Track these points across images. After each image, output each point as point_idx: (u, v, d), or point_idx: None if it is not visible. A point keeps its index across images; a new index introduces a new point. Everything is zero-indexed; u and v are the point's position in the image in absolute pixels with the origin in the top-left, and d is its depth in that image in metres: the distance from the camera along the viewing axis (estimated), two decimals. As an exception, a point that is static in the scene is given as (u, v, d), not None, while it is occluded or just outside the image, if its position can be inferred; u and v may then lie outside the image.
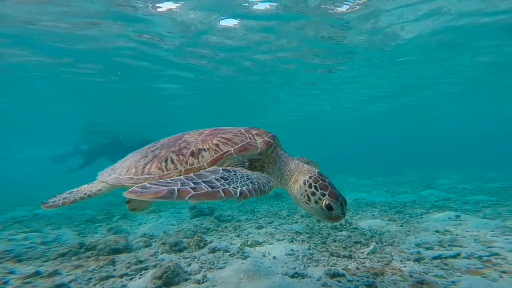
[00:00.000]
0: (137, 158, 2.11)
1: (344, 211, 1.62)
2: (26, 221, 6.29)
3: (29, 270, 3.04)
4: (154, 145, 2.24)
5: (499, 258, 2.80)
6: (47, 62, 8.56)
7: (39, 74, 9.40)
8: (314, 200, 1.63)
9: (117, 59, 8.69)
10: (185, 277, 2.69)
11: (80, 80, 10.16)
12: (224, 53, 8.62)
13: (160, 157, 1.91)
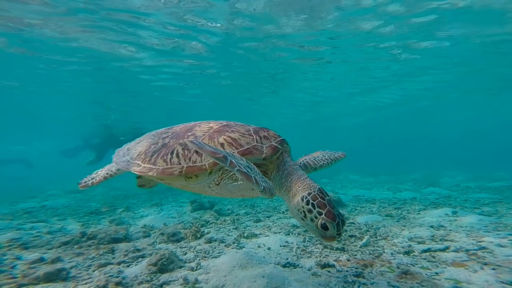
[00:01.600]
0: (149, 143, 2.14)
1: (340, 232, 1.56)
2: (35, 212, 6.52)
3: (35, 257, 3.20)
4: (167, 132, 2.23)
5: (485, 252, 2.83)
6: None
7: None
8: (310, 217, 1.57)
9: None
10: (179, 264, 2.80)
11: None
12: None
13: (167, 147, 1.92)
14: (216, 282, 2.42)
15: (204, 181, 1.80)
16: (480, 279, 2.29)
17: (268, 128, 2.02)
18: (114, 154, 2.40)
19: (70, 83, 11.08)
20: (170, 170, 1.76)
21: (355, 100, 17.04)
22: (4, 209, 6.84)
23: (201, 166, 1.70)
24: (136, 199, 8.76)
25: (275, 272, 2.55)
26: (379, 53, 9.36)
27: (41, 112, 17.00)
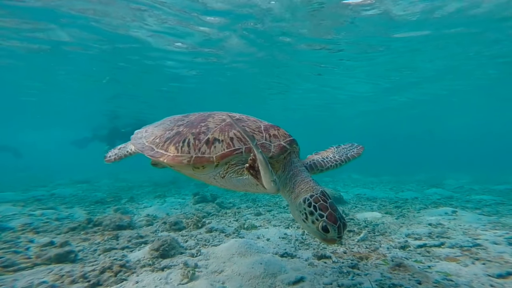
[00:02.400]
0: (165, 128, 2.20)
1: (340, 235, 1.55)
2: (44, 199, 6.74)
3: (45, 240, 3.35)
4: (182, 119, 2.27)
5: (480, 249, 2.88)
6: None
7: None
8: (311, 220, 1.58)
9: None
10: (180, 250, 2.91)
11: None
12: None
13: (181, 135, 1.97)
14: (215, 268, 2.52)
15: (210, 173, 1.87)
16: (470, 273, 2.35)
17: (279, 127, 2.02)
18: (134, 134, 2.50)
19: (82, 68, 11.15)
20: (180, 158, 1.82)
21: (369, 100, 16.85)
22: (17, 196, 7.08)
23: (209, 158, 1.75)
24: (140, 191, 8.95)
25: (273, 261, 2.64)
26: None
27: (53, 102, 17.31)
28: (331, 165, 2.16)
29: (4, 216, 4.61)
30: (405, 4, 6.41)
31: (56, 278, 2.31)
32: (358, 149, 2.36)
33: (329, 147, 2.43)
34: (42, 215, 4.92)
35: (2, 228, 3.82)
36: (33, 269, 2.52)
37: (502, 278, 2.25)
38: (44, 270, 2.50)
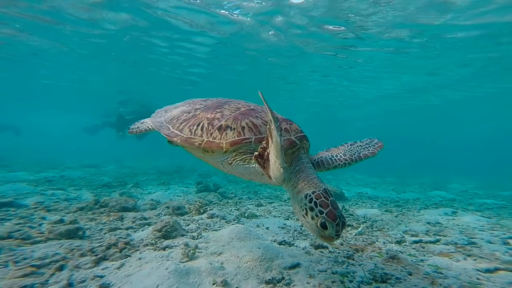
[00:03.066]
0: (183, 110, 2.27)
1: (338, 233, 1.55)
2: (55, 181, 6.98)
3: (56, 218, 3.54)
4: (201, 103, 2.32)
5: (474, 247, 2.92)
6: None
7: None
8: (311, 215, 1.58)
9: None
10: (182, 233, 3.03)
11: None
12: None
13: (196, 119, 2.03)
14: (214, 250, 2.63)
15: (219, 158, 1.94)
16: (460, 267, 2.42)
17: (292, 121, 2.03)
18: (155, 112, 2.62)
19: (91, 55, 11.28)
20: (192, 140, 1.91)
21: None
22: (30, 176, 7.35)
23: (219, 144, 1.80)
24: (145, 178, 9.14)
25: (271, 247, 2.73)
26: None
27: (65, 87, 17.60)
28: (339, 164, 2.11)
29: (19, 194, 4.83)
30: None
31: (67, 251, 2.46)
32: (373, 148, 2.23)
33: (343, 144, 2.35)
34: (52, 195, 5.12)
35: (17, 205, 4.01)
36: (46, 243, 2.68)
37: (489, 273, 2.32)
38: (56, 244, 2.66)
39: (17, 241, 2.64)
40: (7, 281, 1.87)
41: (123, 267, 2.23)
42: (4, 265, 2.14)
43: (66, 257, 2.32)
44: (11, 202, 3.97)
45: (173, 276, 1.90)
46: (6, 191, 4.90)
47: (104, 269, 2.20)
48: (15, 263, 2.18)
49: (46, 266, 2.16)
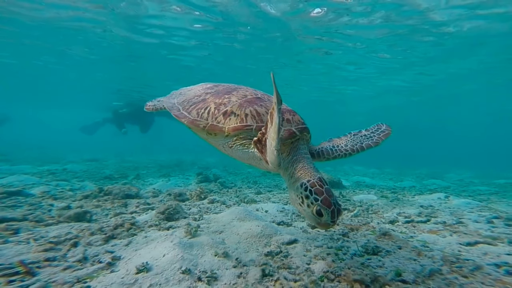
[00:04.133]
0: (195, 93, 2.35)
1: (334, 220, 1.59)
2: (58, 173, 7.11)
3: (63, 205, 3.68)
4: (212, 88, 2.39)
5: (461, 226, 3.09)
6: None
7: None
8: (307, 203, 1.63)
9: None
10: (184, 215, 3.18)
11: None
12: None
13: (205, 102, 2.12)
14: (216, 229, 2.78)
15: (221, 140, 2.06)
16: (445, 242, 2.59)
17: (296, 112, 2.07)
18: (170, 93, 2.72)
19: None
20: (198, 122, 2.02)
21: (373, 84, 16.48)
22: (33, 169, 7.49)
23: (221, 128, 1.90)
24: (145, 171, 9.29)
25: (270, 225, 2.88)
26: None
27: (61, 82, 17.53)
28: (339, 154, 2.13)
29: (25, 184, 4.96)
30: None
31: (78, 231, 2.61)
32: (377, 138, 2.20)
33: (346, 134, 2.35)
34: (57, 186, 5.26)
35: (26, 194, 4.15)
36: (57, 225, 2.83)
37: (470, 246, 2.51)
38: (66, 226, 2.81)
39: (32, 223, 2.80)
40: (33, 254, 2.05)
41: (131, 244, 2.37)
42: (26, 242, 2.32)
43: (78, 236, 2.47)
44: (19, 191, 4.11)
45: (178, 247, 2.05)
46: (13, 182, 5.03)
47: (113, 245, 2.34)
48: (35, 240, 2.35)
49: (62, 243, 2.31)
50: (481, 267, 1.99)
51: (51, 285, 1.68)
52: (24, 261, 1.89)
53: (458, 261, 2.10)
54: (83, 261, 2.02)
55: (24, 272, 1.79)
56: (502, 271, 1.96)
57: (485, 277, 1.85)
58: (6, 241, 2.31)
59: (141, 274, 1.77)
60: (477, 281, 1.80)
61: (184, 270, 1.80)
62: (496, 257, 2.22)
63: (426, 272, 1.93)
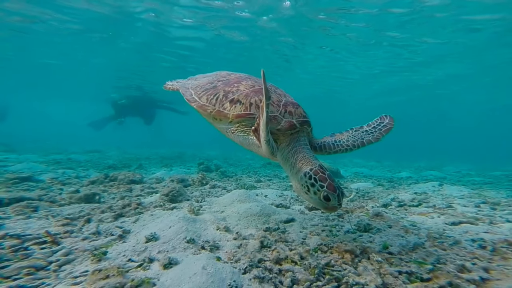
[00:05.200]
0: (209, 80, 2.47)
1: (340, 202, 1.68)
2: (63, 162, 7.32)
3: (72, 189, 3.85)
4: (224, 76, 2.50)
5: (450, 209, 3.26)
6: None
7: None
8: (313, 191, 1.70)
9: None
10: (187, 197, 3.35)
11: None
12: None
13: (215, 89, 2.24)
14: (217, 209, 2.95)
15: (224, 126, 2.19)
16: (432, 222, 2.77)
17: (299, 105, 2.15)
18: (188, 78, 2.85)
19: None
20: (205, 107, 2.16)
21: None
22: (39, 158, 7.71)
23: (226, 114, 2.03)
24: (148, 162, 9.47)
25: (268, 207, 3.05)
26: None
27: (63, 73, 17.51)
28: (340, 149, 2.20)
29: (34, 171, 5.14)
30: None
31: (90, 209, 2.79)
32: (379, 133, 2.27)
33: (348, 130, 2.41)
34: (64, 173, 5.44)
35: (35, 180, 4.33)
36: (69, 206, 3.01)
37: (454, 225, 2.71)
38: (78, 206, 2.98)
39: (47, 203, 2.98)
40: (54, 228, 2.25)
41: (138, 221, 2.54)
42: (46, 218, 2.54)
43: (90, 213, 2.65)
44: (30, 177, 4.28)
45: (182, 221, 2.22)
46: (22, 169, 5.22)
47: (122, 222, 2.51)
48: (53, 216, 2.55)
49: (77, 219, 2.50)
50: (460, 242, 2.18)
51: (74, 252, 1.86)
52: (50, 232, 2.08)
53: (440, 237, 2.29)
54: (97, 234, 2.20)
55: (51, 241, 1.98)
56: (476, 245, 2.15)
57: (461, 250, 2.04)
58: (29, 216, 2.52)
59: (150, 243, 1.94)
60: (453, 253, 1.98)
61: (189, 240, 1.97)
62: (475, 234, 2.41)
63: (410, 246, 2.10)
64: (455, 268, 1.71)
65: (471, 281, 1.54)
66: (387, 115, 2.46)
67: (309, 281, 1.57)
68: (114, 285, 1.43)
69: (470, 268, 1.71)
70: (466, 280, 1.56)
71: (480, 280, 1.56)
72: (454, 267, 1.73)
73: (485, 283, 1.54)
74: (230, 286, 1.47)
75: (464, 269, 1.71)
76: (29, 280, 1.51)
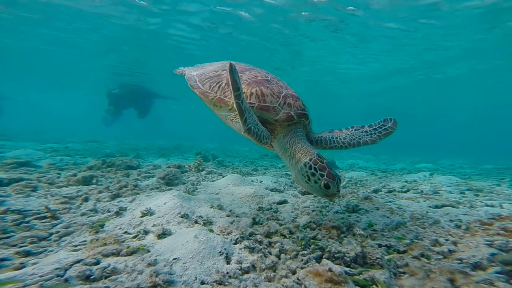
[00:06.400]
0: (214, 68, 2.49)
1: (339, 189, 1.75)
2: (61, 150, 7.36)
3: (70, 173, 3.91)
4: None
5: (436, 195, 3.40)
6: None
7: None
8: (314, 180, 1.76)
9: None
10: (183, 181, 3.44)
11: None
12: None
13: (219, 78, 2.28)
14: (212, 191, 3.04)
15: (224, 113, 2.24)
16: (417, 205, 2.91)
17: (299, 98, 2.18)
18: (195, 65, 2.89)
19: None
20: (207, 94, 2.20)
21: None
22: (37, 146, 7.74)
23: (227, 102, 2.07)
24: (145, 152, 9.53)
25: (263, 190, 3.15)
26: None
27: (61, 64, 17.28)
28: (336, 146, 2.24)
29: (32, 157, 5.19)
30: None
31: (87, 190, 2.87)
32: (377, 136, 2.29)
33: (348, 127, 2.42)
34: (61, 160, 5.49)
35: (34, 165, 4.38)
36: (68, 187, 3.08)
37: (437, 208, 2.85)
38: (76, 188, 3.06)
39: (46, 184, 3.05)
40: (53, 205, 2.33)
41: (135, 200, 2.63)
42: (45, 197, 2.62)
43: (87, 193, 2.73)
44: (28, 162, 4.33)
45: (177, 198, 2.31)
46: (20, 155, 5.26)
47: (119, 201, 2.60)
48: (52, 196, 2.64)
49: (75, 198, 2.58)
50: (438, 221, 2.32)
51: (72, 225, 1.95)
52: (50, 208, 2.16)
53: (422, 218, 2.41)
54: (94, 211, 2.28)
55: (50, 216, 2.07)
56: (453, 224, 2.29)
57: (438, 228, 2.17)
58: (28, 195, 2.59)
59: (145, 217, 2.03)
60: (431, 231, 2.11)
61: (183, 215, 2.07)
62: (454, 216, 2.54)
63: (393, 225, 2.21)
64: (429, 243, 1.85)
65: (441, 253, 1.69)
66: (392, 118, 2.43)
67: (295, 251, 1.67)
68: (111, 251, 1.52)
69: (442, 242, 1.86)
70: (437, 252, 1.71)
71: (448, 252, 1.70)
72: (429, 242, 1.87)
73: (451, 254, 1.68)
74: (221, 253, 1.57)
75: (437, 243, 1.86)
76: (33, 247, 1.61)
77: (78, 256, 1.45)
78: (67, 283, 1.24)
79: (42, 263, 1.38)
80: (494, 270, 1.46)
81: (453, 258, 1.64)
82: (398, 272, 1.50)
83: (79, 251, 1.56)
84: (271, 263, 1.53)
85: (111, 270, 1.32)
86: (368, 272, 1.43)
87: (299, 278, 1.39)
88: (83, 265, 1.37)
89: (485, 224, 2.20)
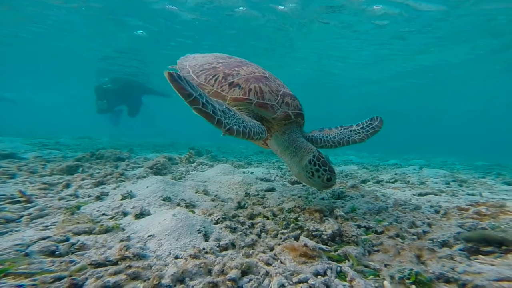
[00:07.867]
0: (207, 60, 2.46)
1: (336, 181, 1.94)
2: (50, 145, 7.24)
3: (56, 165, 3.84)
4: (225, 59, 2.50)
5: (422, 185, 3.42)
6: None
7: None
8: (318, 175, 1.88)
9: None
10: (171, 171, 3.40)
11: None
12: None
13: (214, 70, 2.24)
14: (200, 179, 3.01)
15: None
16: (402, 194, 2.96)
17: (296, 98, 2.21)
18: (185, 55, 2.83)
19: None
20: (203, 86, 2.15)
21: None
22: (25, 141, 7.60)
23: (224, 96, 2.04)
24: (139, 148, 9.44)
25: (252, 178, 3.14)
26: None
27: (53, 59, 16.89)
28: (326, 145, 2.33)
29: (18, 150, 5.10)
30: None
31: (70, 178, 2.82)
32: (364, 134, 2.39)
33: (337, 126, 2.50)
34: (50, 153, 5.41)
35: (19, 157, 4.30)
36: (51, 176, 3.03)
37: (420, 196, 2.92)
38: (59, 177, 3.00)
39: (26, 173, 2.99)
40: (30, 191, 2.29)
41: (119, 187, 2.59)
42: (23, 183, 2.57)
43: (70, 180, 2.68)
44: (12, 154, 4.26)
45: (160, 182, 2.28)
46: (4, 148, 5.16)
47: (103, 188, 2.56)
48: (30, 183, 2.58)
49: (55, 185, 2.53)
50: (420, 207, 2.36)
51: (47, 208, 1.90)
52: (24, 192, 2.11)
53: (405, 204, 2.43)
54: (74, 196, 2.24)
55: (24, 201, 2.02)
56: (432, 210, 2.33)
57: (418, 213, 2.20)
58: (4, 182, 2.52)
59: (125, 200, 2.00)
60: (410, 215, 2.13)
61: (165, 198, 2.04)
62: (435, 203, 2.57)
63: (376, 209, 2.22)
64: (406, 225, 1.88)
65: (415, 234, 1.74)
66: (378, 117, 2.54)
67: (276, 231, 1.66)
68: (83, 229, 1.49)
69: (418, 225, 1.89)
70: (412, 234, 1.74)
71: (422, 233, 1.75)
72: (406, 224, 1.89)
73: (425, 235, 1.73)
74: (199, 231, 1.54)
75: (413, 226, 1.90)
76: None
77: (46, 234, 1.42)
78: (27, 257, 1.20)
79: (2, 240, 1.34)
80: (458, 248, 1.51)
81: (426, 238, 1.67)
82: (373, 250, 1.51)
83: (48, 230, 1.52)
84: (251, 241, 1.52)
85: (79, 246, 1.30)
86: (342, 248, 1.43)
87: (275, 254, 1.38)
88: (49, 241, 1.33)
89: (462, 209, 2.25)
